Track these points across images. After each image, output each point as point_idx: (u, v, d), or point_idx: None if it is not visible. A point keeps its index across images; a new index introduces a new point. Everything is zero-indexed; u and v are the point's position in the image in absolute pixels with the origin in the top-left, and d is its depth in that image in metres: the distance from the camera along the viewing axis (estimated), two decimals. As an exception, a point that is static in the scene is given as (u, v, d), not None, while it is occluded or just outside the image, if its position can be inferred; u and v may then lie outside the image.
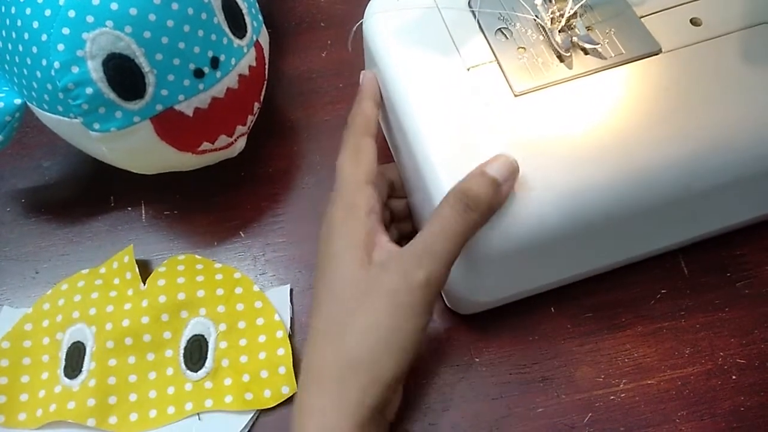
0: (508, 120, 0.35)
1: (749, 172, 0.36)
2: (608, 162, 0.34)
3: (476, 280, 0.37)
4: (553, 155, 0.34)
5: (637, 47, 0.37)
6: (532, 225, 0.34)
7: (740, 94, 0.36)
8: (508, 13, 0.39)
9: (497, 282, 0.38)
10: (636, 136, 0.35)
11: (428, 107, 0.37)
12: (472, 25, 0.39)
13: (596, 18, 0.38)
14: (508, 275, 0.38)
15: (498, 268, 0.36)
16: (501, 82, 0.37)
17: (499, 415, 0.38)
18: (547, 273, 0.39)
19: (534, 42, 0.38)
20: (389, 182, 0.41)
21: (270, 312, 0.41)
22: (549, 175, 0.34)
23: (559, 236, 0.34)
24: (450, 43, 0.38)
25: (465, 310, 0.40)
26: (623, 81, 0.36)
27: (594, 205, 0.34)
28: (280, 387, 0.39)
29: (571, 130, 0.35)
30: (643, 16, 0.38)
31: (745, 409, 0.37)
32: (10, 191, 0.49)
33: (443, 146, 0.35)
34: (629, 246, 0.40)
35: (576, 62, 0.37)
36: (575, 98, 0.36)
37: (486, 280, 0.37)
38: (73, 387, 0.39)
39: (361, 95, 0.39)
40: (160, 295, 0.41)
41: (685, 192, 0.35)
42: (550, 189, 0.34)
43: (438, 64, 0.38)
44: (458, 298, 0.39)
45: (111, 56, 0.36)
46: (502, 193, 0.32)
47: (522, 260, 0.36)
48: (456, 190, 0.32)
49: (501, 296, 0.39)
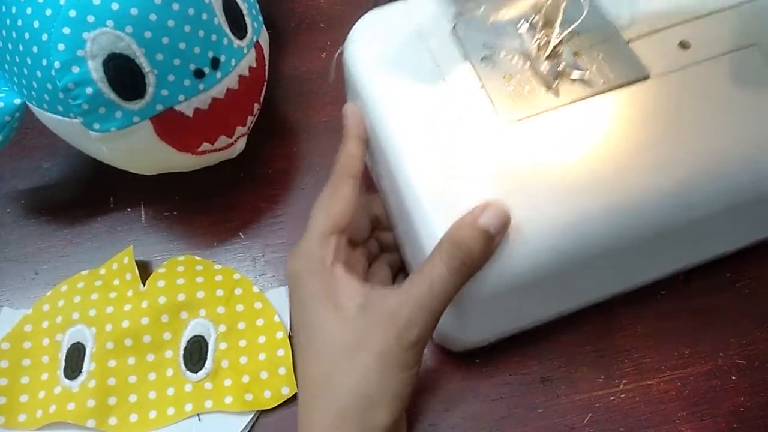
0: (496, 151, 0.34)
1: (743, 198, 0.35)
2: (599, 192, 0.33)
3: (466, 321, 0.36)
4: (542, 187, 0.33)
5: (625, 73, 0.36)
6: (523, 264, 0.33)
7: (731, 118, 0.35)
8: (493, 40, 0.38)
9: (487, 323, 0.37)
10: (626, 165, 0.34)
11: (412, 138, 0.36)
12: (456, 53, 0.38)
13: (583, 43, 0.37)
14: (499, 316, 0.37)
15: (488, 309, 0.35)
16: (488, 111, 0.36)
17: (499, 416, 0.38)
18: (540, 310, 0.38)
19: (520, 69, 0.37)
20: (373, 216, 0.40)
21: (270, 313, 0.41)
22: (539, 208, 0.33)
23: (552, 273, 0.33)
24: (435, 72, 0.37)
25: (455, 347, 0.40)
26: (612, 108, 0.35)
27: (586, 237, 0.33)
28: (280, 388, 0.39)
29: (560, 160, 0.34)
30: (630, 40, 0.37)
31: (745, 409, 0.37)
32: (10, 192, 0.49)
33: (429, 179, 0.34)
34: (625, 277, 0.39)
35: (563, 90, 0.36)
36: (563, 127, 0.35)
37: (476, 321, 0.37)
38: (72, 388, 0.39)
39: (346, 133, 0.38)
40: (159, 296, 0.41)
41: (680, 220, 0.34)
42: (540, 223, 0.33)
43: (422, 94, 0.37)
44: (448, 337, 0.39)
45: (111, 56, 0.36)
46: (494, 245, 0.32)
47: (513, 300, 0.35)
48: (448, 244, 0.31)
49: (492, 335, 0.39)
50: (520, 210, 0.33)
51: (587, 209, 0.33)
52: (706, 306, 0.40)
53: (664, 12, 0.38)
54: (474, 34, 0.38)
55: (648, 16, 0.38)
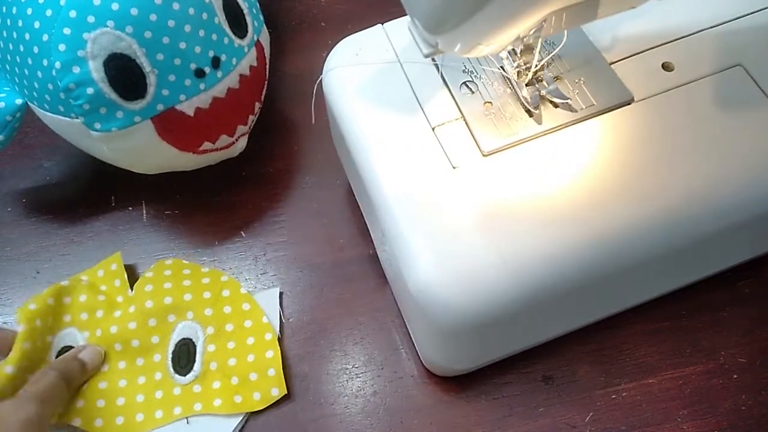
0: (477, 182, 0.34)
1: (732, 221, 0.34)
2: (583, 222, 0.32)
3: (452, 352, 0.36)
4: (525, 218, 0.32)
5: (609, 97, 0.35)
6: (507, 295, 0.32)
7: (716, 141, 0.34)
8: (472, 66, 0.37)
9: (474, 352, 0.37)
10: (610, 193, 0.33)
11: (392, 171, 0.35)
12: (435, 80, 0.37)
13: (564, 67, 0.36)
14: (485, 345, 0.36)
15: (474, 340, 0.35)
16: (468, 141, 0.35)
17: (501, 414, 0.38)
18: (526, 337, 0.38)
19: (501, 95, 0.36)
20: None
21: (258, 314, 0.41)
22: (521, 239, 0.32)
23: (536, 303, 0.33)
24: (413, 101, 0.36)
25: (444, 374, 0.39)
26: (595, 134, 0.34)
27: (571, 267, 0.32)
28: (270, 389, 0.39)
29: (544, 190, 0.33)
30: (613, 62, 0.36)
31: (747, 407, 0.37)
32: (11, 191, 0.49)
33: (409, 212, 0.33)
34: (611, 302, 0.38)
35: (545, 116, 0.35)
36: (546, 155, 0.34)
37: (462, 351, 0.36)
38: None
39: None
40: (146, 300, 0.41)
41: (667, 246, 0.33)
42: (524, 255, 0.32)
43: (402, 124, 0.36)
44: (435, 365, 0.39)
45: (112, 56, 0.36)
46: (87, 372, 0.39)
47: (498, 330, 0.35)
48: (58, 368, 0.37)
49: (480, 362, 0.38)
50: (503, 244, 0.32)
51: (572, 239, 0.32)
52: (707, 305, 0.40)
53: (646, 33, 0.37)
54: (453, 60, 0.37)
55: (629, 37, 0.37)
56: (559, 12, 0.30)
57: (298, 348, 0.41)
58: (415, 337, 0.39)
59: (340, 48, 0.39)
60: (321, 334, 0.42)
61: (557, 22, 0.31)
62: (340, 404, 0.39)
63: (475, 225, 0.32)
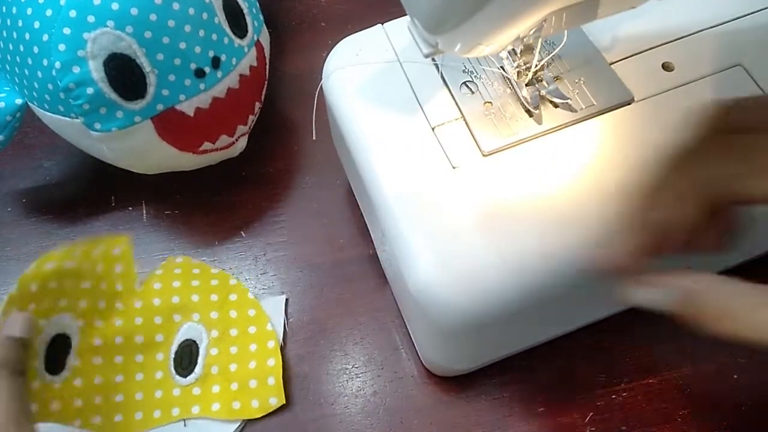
0: (477, 182, 0.34)
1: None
2: (583, 222, 0.32)
3: (452, 352, 0.36)
4: (525, 218, 0.32)
5: (609, 97, 0.35)
6: (507, 295, 0.32)
7: None
8: (472, 66, 0.37)
9: (474, 352, 0.37)
10: (612, 192, 0.32)
11: (392, 171, 0.35)
12: (435, 80, 0.37)
13: (564, 67, 0.36)
14: (485, 345, 0.36)
15: (474, 340, 0.35)
16: (468, 141, 0.35)
17: (501, 414, 0.38)
18: (526, 337, 0.38)
19: (501, 95, 0.36)
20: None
21: (263, 321, 0.41)
22: (521, 239, 0.32)
23: (536, 303, 0.33)
24: (413, 101, 0.36)
25: (444, 374, 0.39)
26: (595, 134, 0.34)
27: (571, 267, 0.32)
28: (268, 398, 0.39)
29: (544, 190, 0.33)
30: (613, 62, 0.36)
31: (747, 408, 0.37)
32: (11, 191, 0.49)
33: (409, 212, 0.33)
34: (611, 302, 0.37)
35: (545, 116, 0.35)
36: (546, 155, 0.34)
37: (462, 351, 0.36)
38: (54, 383, 0.37)
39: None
40: (154, 298, 0.41)
41: None
42: (522, 255, 0.32)
43: (402, 124, 0.36)
44: (435, 365, 0.39)
45: (112, 56, 0.36)
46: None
47: (498, 330, 0.34)
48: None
49: (480, 362, 0.38)
50: (504, 244, 0.32)
51: (571, 239, 0.32)
52: (708, 304, 0.40)
53: (646, 33, 0.37)
54: (453, 60, 0.37)
55: (629, 37, 0.37)
56: (559, 12, 0.30)
57: (298, 348, 0.41)
58: (415, 337, 0.39)
59: (340, 48, 0.39)
60: (321, 334, 0.42)
61: (557, 22, 0.31)
62: (340, 404, 0.39)
63: (475, 225, 0.32)
